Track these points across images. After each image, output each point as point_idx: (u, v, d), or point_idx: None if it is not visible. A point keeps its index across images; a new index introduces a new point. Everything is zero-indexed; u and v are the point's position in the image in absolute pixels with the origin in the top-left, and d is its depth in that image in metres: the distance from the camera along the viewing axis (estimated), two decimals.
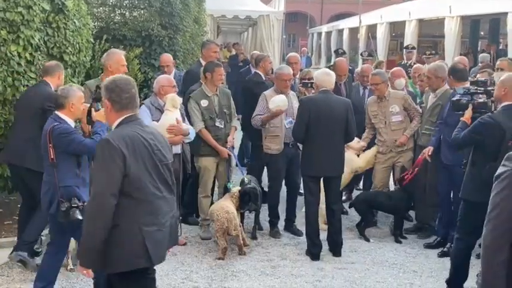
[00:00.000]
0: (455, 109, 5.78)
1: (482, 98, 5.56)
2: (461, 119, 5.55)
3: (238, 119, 7.45)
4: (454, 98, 5.81)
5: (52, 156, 4.78)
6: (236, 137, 7.37)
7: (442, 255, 6.42)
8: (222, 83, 7.26)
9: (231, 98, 7.07)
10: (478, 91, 5.61)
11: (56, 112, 4.97)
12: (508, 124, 4.91)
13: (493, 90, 5.44)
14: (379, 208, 7.27)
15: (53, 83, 5.82)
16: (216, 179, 7.05)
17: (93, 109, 5.00)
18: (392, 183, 7.54)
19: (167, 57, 8.42)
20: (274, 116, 6.79)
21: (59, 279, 5.52)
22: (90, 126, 5.04)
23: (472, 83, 5.50)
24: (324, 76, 6.53)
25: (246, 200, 6.51)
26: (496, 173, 2.86)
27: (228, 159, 6.87)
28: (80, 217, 4.62)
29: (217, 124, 6.78)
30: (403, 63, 12.21)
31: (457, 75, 6.62)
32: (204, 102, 6.77)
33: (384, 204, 7.08)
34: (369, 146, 7.50)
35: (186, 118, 6.58)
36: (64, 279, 5.56)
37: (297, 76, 8.28)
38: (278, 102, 6.73)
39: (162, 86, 6.44)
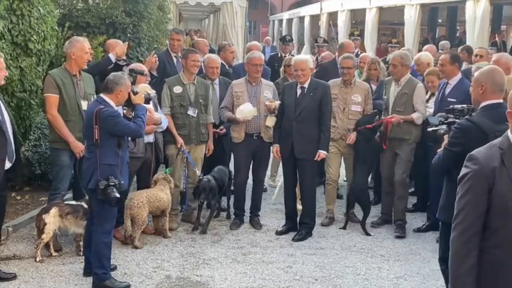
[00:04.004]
0: (431, 140, 5.05)
1: None
2: (438, 151, 4.57)
3: None
4: (430, 129, 4.94)
5: (97, 137, 4.98)
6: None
7: (419, 230, 6.89)
8: (216, 73, 7.30)
9: (210, 90, 7.02)
10: (456, 121, 4.59)
11: (102, 95, 5.15)
12: (490, 126, 3.97)
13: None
14: (370, 171, 7.47)
15: None
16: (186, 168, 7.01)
17: (131, 93, 5.22)
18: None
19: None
20: (241, 122, 6.82)
21: (27, 270, 5.50)
22: (129, 110, 5.26)
23: (448, 112, 4.69)
24: None
25: (197, 193, 6.66)
26: (459, 175, 2.75)
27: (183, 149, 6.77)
28: (118, 195, 4.95)
29: (189, 112, 6.76)
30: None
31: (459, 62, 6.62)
32: (177, 89, 6.77)
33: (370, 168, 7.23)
34: None
35: (158, 107, 6.57)
36: (34, 270, 5.51)
37: None
38: (246, 113, 6.71)
39: None
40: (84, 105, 5.99)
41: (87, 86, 6.13)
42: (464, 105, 4.51)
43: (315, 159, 6.54)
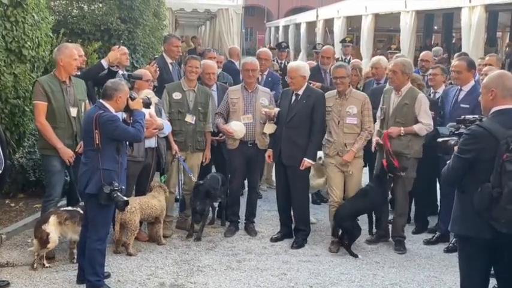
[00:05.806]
0: (441, 152, 4.72)
1: None
2: (448, 162, 4.27)
3: None
4: (441, 140, 4.66)
5: (97, 142, 5.02)
6: None
7: (449, 250, 6.44)
8: (214, 78, 7.26)
9: (210, 98, 6.97)
10: None
11: (101, 101, 5.21)
12: (502, 132, 3.79)
13: None
14: (362, 213, 6.78)
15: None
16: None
17: (129, 99, 5.27)
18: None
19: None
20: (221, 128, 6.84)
21: (21, 277, 5.46)
22: (129, 115, 5.31)
23: (459, 122, 4.50)
24: None
25: (199, 196, 6.63)
26: None
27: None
28: (125, 198, 5.06)
29: (187, 119, 6.75)
30: (340, 59, 11.46)
31: (475, 69, 6.52)
32: (176, 95, 6.76)
33: (365, 206, 6.65)
34: None
35: (162, 113, 6.56)
36: (27, 277, 5.47)
37: (265, 73, 8.31)
38: (238, 132, 6.70)
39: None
40: (74, 112, 5.96)
41: (77, 92, 6.07)
42: (476, 116, 4.32)
43: (300, 168, 6.47)
